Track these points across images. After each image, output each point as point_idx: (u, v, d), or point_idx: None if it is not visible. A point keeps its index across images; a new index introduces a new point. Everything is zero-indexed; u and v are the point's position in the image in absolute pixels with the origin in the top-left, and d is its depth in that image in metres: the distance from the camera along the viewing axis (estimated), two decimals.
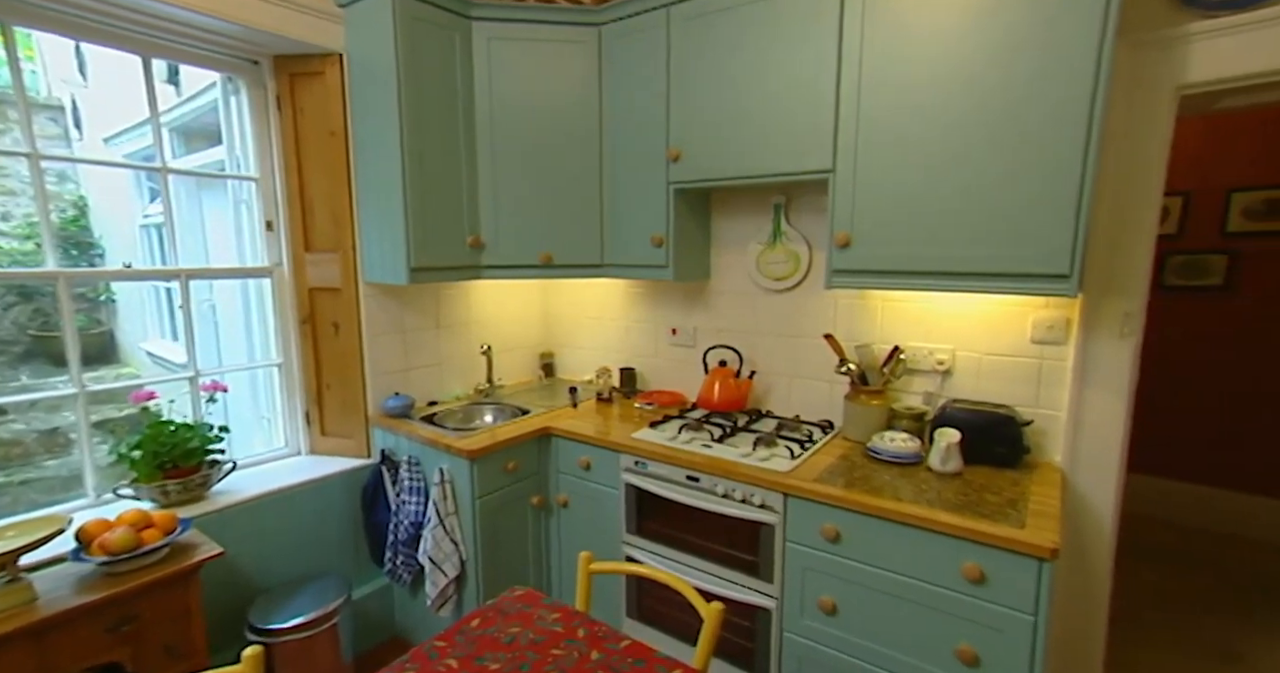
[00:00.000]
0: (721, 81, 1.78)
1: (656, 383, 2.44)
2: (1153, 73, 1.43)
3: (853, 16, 1.53)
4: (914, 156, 1.49)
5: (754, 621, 1.64)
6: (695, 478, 1.70)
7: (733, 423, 1.94)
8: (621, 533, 1.90)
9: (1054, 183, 1.33)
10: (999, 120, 1.38)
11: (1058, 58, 1.29)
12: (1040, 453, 1.66)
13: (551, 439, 2.04)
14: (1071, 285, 1.35)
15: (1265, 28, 1.31)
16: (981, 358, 1.73)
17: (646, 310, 2.44)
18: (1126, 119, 1.48)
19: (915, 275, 1.54)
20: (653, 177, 1.98)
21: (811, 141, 1.64)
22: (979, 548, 1.28)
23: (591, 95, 2.05)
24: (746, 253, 2.13)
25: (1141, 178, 1.49)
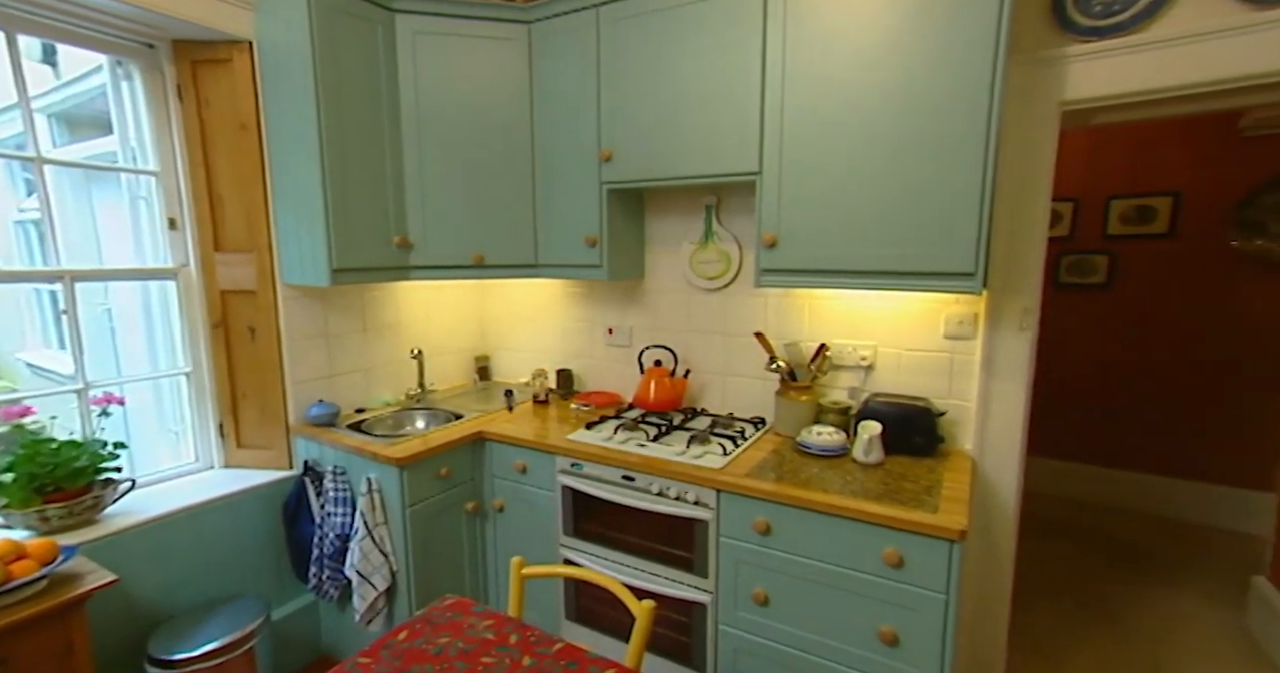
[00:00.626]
0: (652, 83, 1.80)
1: (594, 383, 2.44)
2: (1039, 89, 1.56)
3: (775, 26, 1.58)
4: (835, 162, 1.56)
5: (690, 615, 1.67)
6: (631, 477, 1.71)
7: (668, 421, 1.96)
8: (559, 535, 1.88)
9: (959, 188, 1.42)
10: (910, 130, 1.46)
11: (960, 74, 1.38)
12: (953, 441, 1.77)
13: (486, 443, 2.00)
14: (976, 283, 1.45)
15: (1125, 54, 1.45)
16: (901, 353, 1.83)
17: (583, 311, 2.44)
18: (1020, 131, 1.60)
19: (837, 275, 1.61)
20: (585, 177, 1.97)
21: (739, 145, 1.69)
22: (897, 534, 1.35)
23: (522, 94, 2.02)
24: (680, 253, 2.16)
25: (1033, 185, 1.61)
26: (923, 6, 1.41)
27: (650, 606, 1.10)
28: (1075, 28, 1.51)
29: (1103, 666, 2.06)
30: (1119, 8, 1.45)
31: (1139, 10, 1.42)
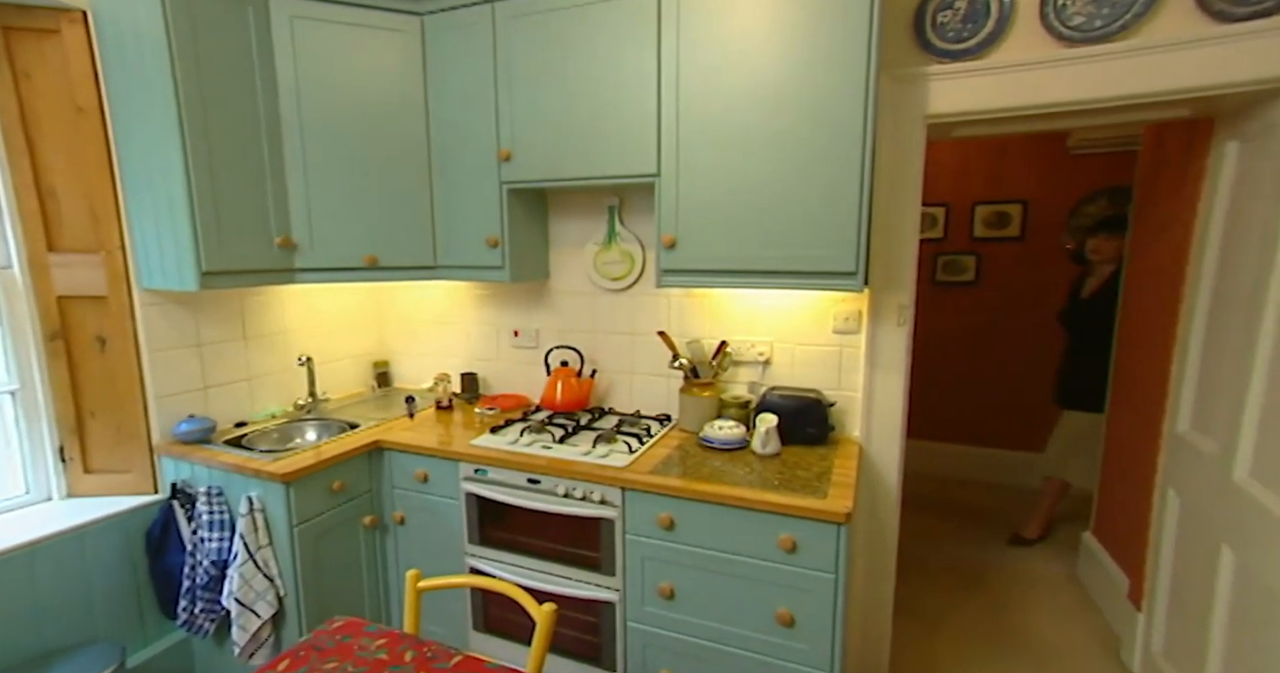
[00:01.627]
0: (551, 83, 1.78)
1: (500, 387, 2.39)
2: (908, 103, 1.70)
3: (669, 33, 1.62)
4: (728, 166, 1.61)
5: (599, 615, 1.67)
6: (536, 480, 1.69)
7: (575, 422, 1.96)
8: (464, 545, 1.82)
9: (841, 192, 1.52)
10: (796, 137, 1.54)
11: (839, 86, 1.47)
12: (843, 429, 1.89)
13: (384, 453, 1.90)
14: (858, 281, 1.56)
15: (972, 77, 1.61)
16: (795, 348, 1.93)
17: (488, 313, 2.37)
18: (893, 141, 1.73)
19: (733, 274, 1.68)
20: (485, 176, 1.92)
21: (638, 147, 1.71)
22: (791, 520, 1.43)
23: (416, 88, 1.94)
24: (584, 253, 2.16)
25: (905, 190, 1.76)
26: (803, 22, 1.49)
27: (550, 609, 1.09)
28: (934, 49, 1.65)
29: (971, 624, 2.29)
30: (967, 35, 1.61)
31: (981, 39, 1.59)
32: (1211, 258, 1.71)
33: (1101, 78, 1.50)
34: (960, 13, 1.62)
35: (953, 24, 1.63)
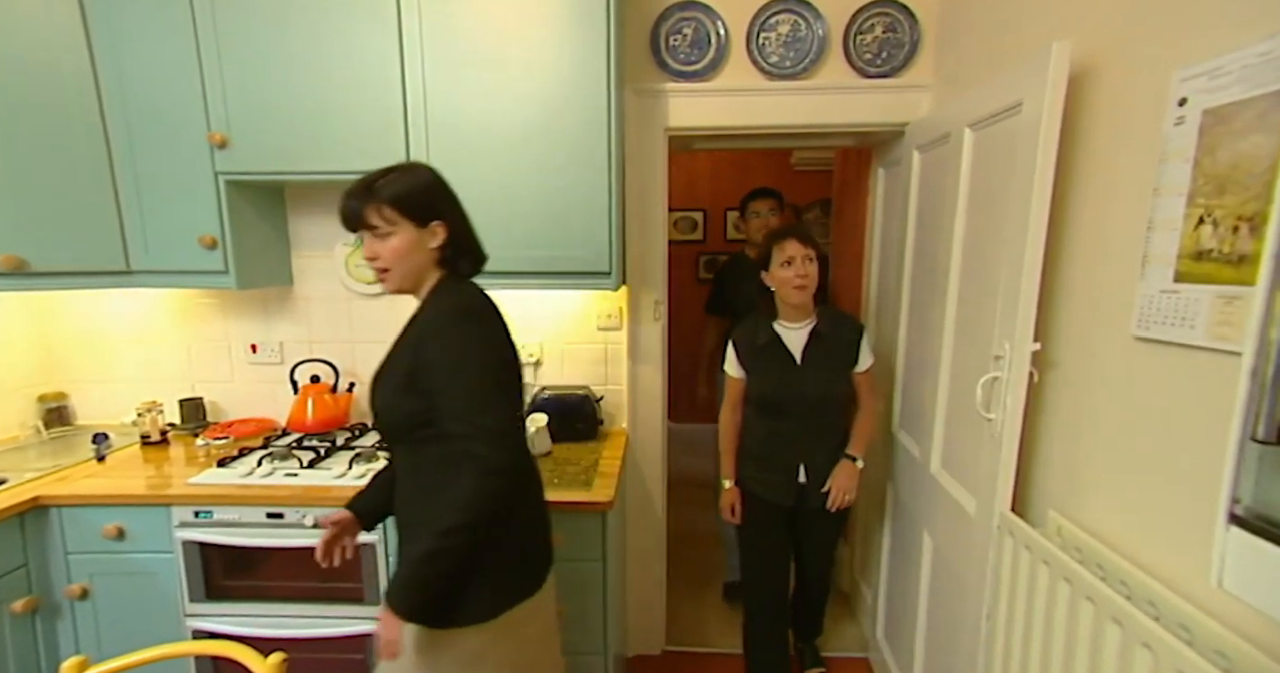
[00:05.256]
0: (270, 63, 1.56)
1: (237, 411, 2.04)
2: (651, 117, 1.85)
3: (410, 19, 1.53)
4: (484, 168, 1.58)
5: (366, 650, 1.53)
6: (279, 514, 1.48)
7: (330, 443, 1.76)
8: (183, 605, 1.52)
9: (592, 196, 1.59)
10: (550, 143, 1.57)
11: (584, 96, 1.54)
12: (612, 422, 2.00)
13: (49, 512, 1.49)
14: (613, 281, 1.65)
15: (701, 96, 1.83)
16: (564, 347, 1.99)
17: (216, 326, 2.01)
18: (640, 151, 1.88)
19: (495, 276, 1.63)
20: (192, 164, 1.62)
21: (385, 141, 1.59)
22: (559, 515, 1.42)
23: (77, 55, 1.55)
24: (334, 256, 1.95)
25: (653, 196, 1.92)
26: (548, 30, 1.52)
27: (277, 660, 0.96)
28: (669, 69, 1.83)
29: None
30: (695, 59, 1.81)
31: (705, 64, 1.80)
32: (874, 267, 2.18)
33: (793, 108, 1.81)
34: (688, 38, 1.81)
35: (683, 47, 1.82)
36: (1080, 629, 0.91)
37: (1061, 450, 1.14)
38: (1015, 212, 1.13)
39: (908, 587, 1.70)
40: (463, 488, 0.95)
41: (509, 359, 1.07)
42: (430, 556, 0.94)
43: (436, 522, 0.94)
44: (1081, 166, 1.08)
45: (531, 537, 1.13)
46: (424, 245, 1.05)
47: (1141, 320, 0.90)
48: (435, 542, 0.94)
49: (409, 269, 1.06)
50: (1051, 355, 1.16)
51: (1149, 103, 0.91)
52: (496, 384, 1.01)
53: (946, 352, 1.48)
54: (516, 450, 1.02)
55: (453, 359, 0.98)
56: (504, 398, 1.03)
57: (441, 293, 1.07)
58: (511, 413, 1.05)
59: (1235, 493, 0.60)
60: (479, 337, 1.02)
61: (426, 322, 1.05)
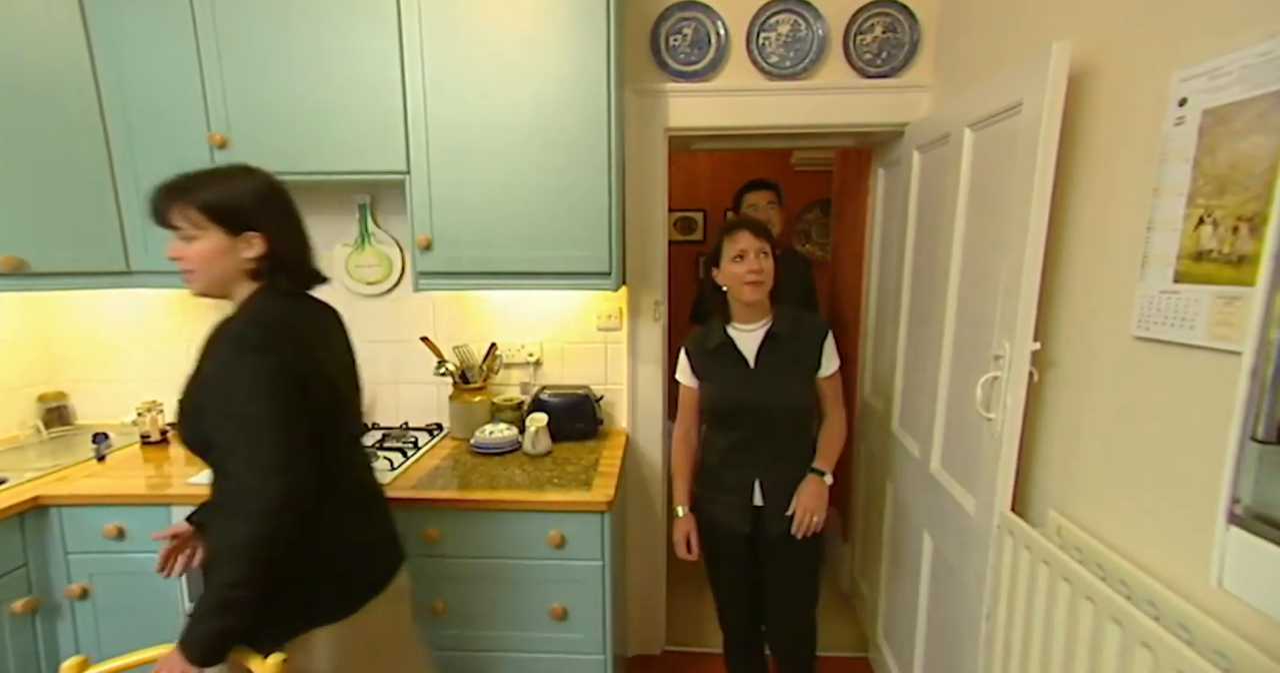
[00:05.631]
0: (270, 63, 1.56)
1: None
2: (650, 117, 1.85)
3: (410, 19, 1.53)
4: (483, 168, 1.58)
5: None
6: None
7: None
8: (183, 606, 1.52)
9: (592, 196, 1.59)
10: (549, 143, 1.56)
11: (584, 96, 1.54)
12: (612, 422, 2.00)
13: (49, 512, 1.49)
14: (613, 281, 1.65)
15: (702, 97, 1.82)
16: (564, 347, 1.99)
17: None
18: (640, 151, 1.88)
19: (494, 276, 1.66)
20: (193, 165, 1.51)
21: (384, 141, 1.59)
22: (558, 516, 1.46)
23: (77, 55, 1.55)
24: (334, 256, 1.95)
25: (652, 196, 1.92)
26: (549, 30, 1.52)
27: (276, 661, 0.96)
28: (669, 69, 1.83)
29: None
30: (695, 59, 1.81)
31: (705, 64, 1.80)
32: (874, 268, 2.18)
33: (793, 108, 1.80)
34: (688, 38, 1.81)
35: (683, 48, 1.82)
36: (1080, 629, 0.91)
37: (1061, 451, 1.14)
38: (1015, 212, 1.13)
39: (907, 587, 1.70)
40: (237, 536, 0.90)
41: (307, 381, 0.97)
42: (221, 606, 0.90)
43: (219, 572, 0.91)
44: (1081, 167, 1.08)
45: (347, 559, 1.06)
46: (235, 254, 1.00)
47: (1141, 320, 0.90)
48: (222, 593, 0.89)
49: (216, 275, 1.02)
50: (1051, 355, 1.15)
51: (1149, 103, 0.91)
52: (274, 417, 0.92)
53: (946, 352, 1.48)
54: (297, 487, 0.92)
55: (224, 389, 0.93)
56: (281, 431, 0.92)
57: (246, 307, 1.02)
58: (290, 447, 0.93)
59: (1235, 493, 0.60)
60: (260, 366, 0.93)
61: (216, 339, 1.00)
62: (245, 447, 0.91)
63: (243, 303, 1.04)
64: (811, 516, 1.41)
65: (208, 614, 0.90)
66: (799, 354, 1.47)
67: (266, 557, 0.91)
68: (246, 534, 0.90)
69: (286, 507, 0.91)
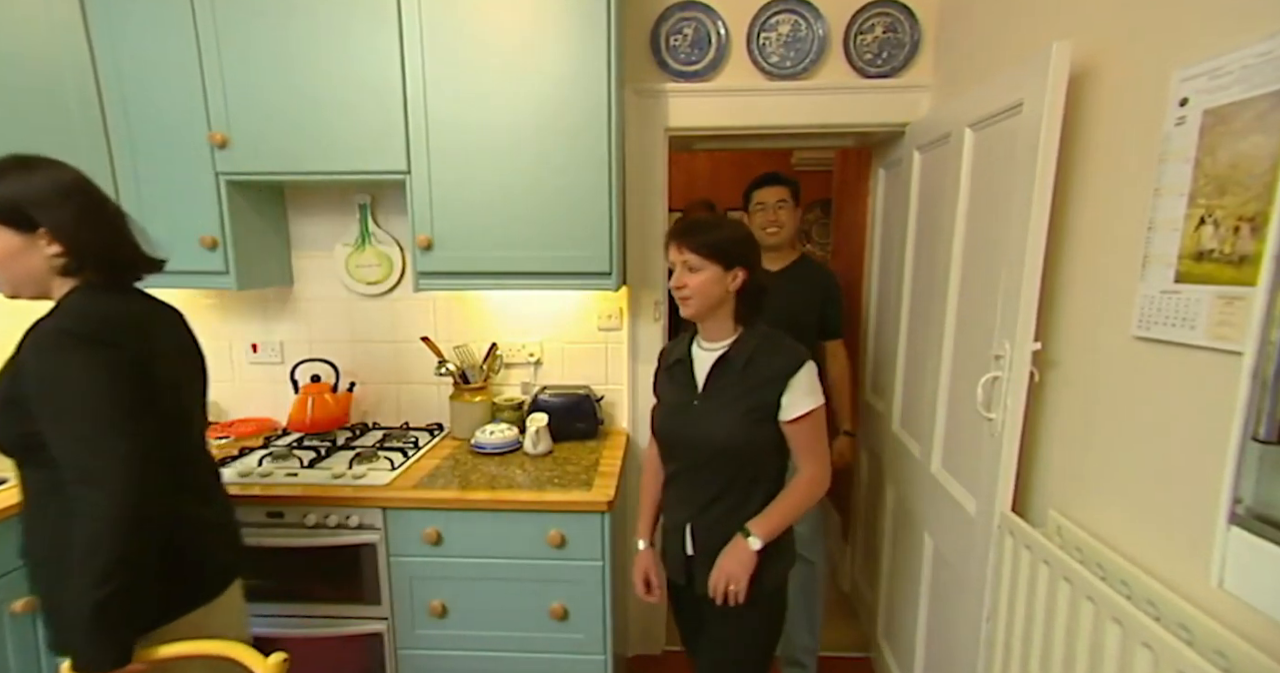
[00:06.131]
0: (270, 62, 1.56)
1: (238, 411, 2.04)
2: (651, 116, 1.85)
3: (410, 17, 1.53)
4: (483, 167, 1.58)
5: (366, 650, 1.53)
6: (279, 514, 1.49)
7: (331, 443, 1.76)
8: None
9: (592, 196, 1.59)
10: (549, 143, 1.56)
11: (584, 96, 1.53)
12: (612, 422, 2.00)
13: None
14: (613, 281, 1.65)
15: (702, 96, 1.82)
16: (564, 347, 1.99)
17: (216, 326, 2.01)
18: (641, 150, 1.88)
19: (495, 276, 1.66)
20: (194, 164, 1.62)
21: (385, 141, 1.59)
22: (559, 516, 1.46)
23: (78, 54, 1.55)
24: (334, 256, 1.95)
25: (653, 195, 1.92)
26: (549, 30, 1.52)
27: (278, 660, 0.96)
28: (670, 69, 1.83)
29: None
30: (695, 59, 1.81)
31: (705, 64, 1.80)
32: (874, 268, 2.18)
33: (793, 108, 1.80)
34: (688, 38, 1.81)
35: (683, 48, 1.82)
36: (1081, 629, 0.91)
37: (1062, 451, 1.14)
38: (1016, 211, 1.13)
39: (908, 587, 1.70)
40: (90, 532, 0.88)
41: (145, 372, 0.97)
42: (97, 612, 0.87)
43: (81, 577, 0.87)
44: (1082, 166, 1.08)
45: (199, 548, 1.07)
46: (35, 253, 0.97)
47: (1142, 320, 0.90)
48: (92, 597, 0.87)
49: (20, 276, 0.99)
50: (1052, 355, 1.16)
51: (1150, 103, 0.91)
52: (115, 406, 0.91)
53: (947, 351, 1.48)
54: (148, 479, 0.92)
55: (54, 387, 0.91)
56: (123, 419, 0.92)
57: (62, 304, 0.99)
58: (136, 434, 0.92)
59: (1236, 493, 0.60)
60: (91, 357, 0.91)
61: (32, 339, 0.95)
62: (87, 439, 0.89)
63: (62, 299, 1.00)
64: (727, 583, 1.15)
65: (90, 621, 0.88)
66: (753, 386, 1.18)
67: (125, 549, 0.89)
68: (99, 530, 0.88)
69: (138, 497, 0.90)
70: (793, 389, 1.16)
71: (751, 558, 1.15)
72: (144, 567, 0.92)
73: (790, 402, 1.17)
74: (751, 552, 1.15)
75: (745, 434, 1.18)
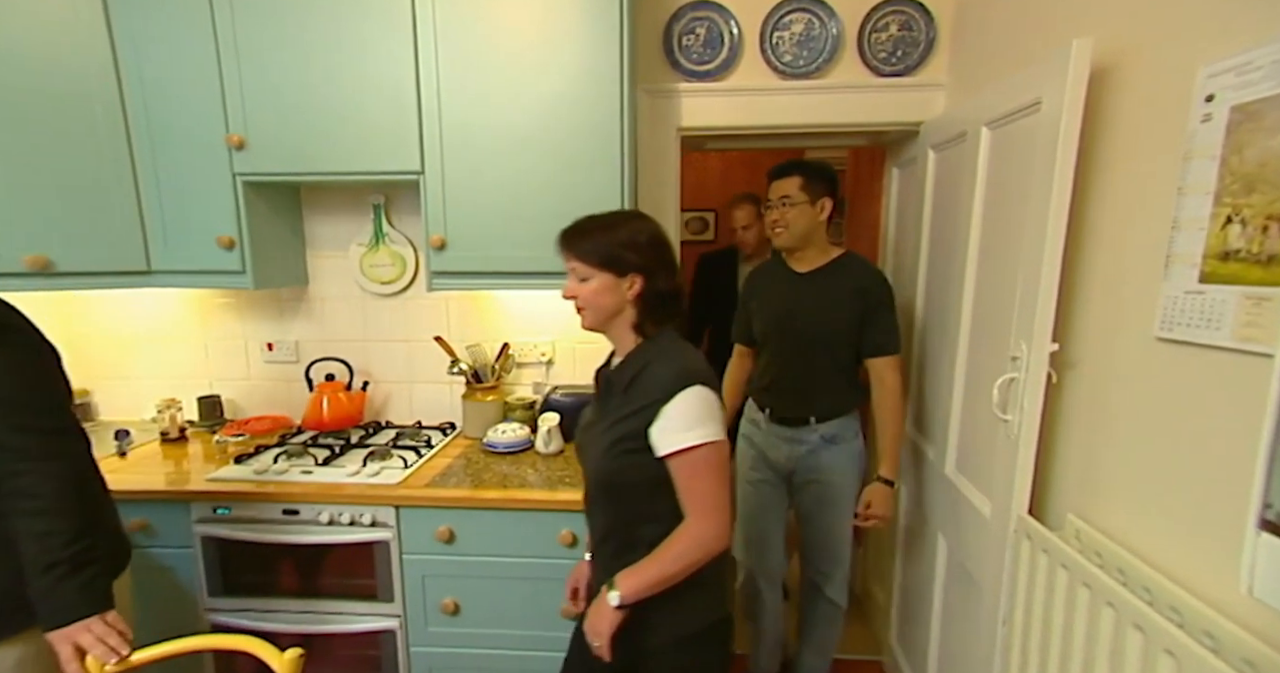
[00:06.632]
0: (287, 64, 1.58)
1: (254, 409, 2.07)
2: (663, 116, 1.85)
3: (424, 18, 1.54)
4: (497, 166, 1.59)
5: (379, 647, 1.54)
6: (294, 511, 1.50)
7: (345, 441, 1.78)
8: (203, 599, 1.55)
9: (604, 196, 1.58)
10: (561, 143, 1.56)
11: (597, 96, 1.54)
12: None
13: None
14: None
15: (714, 96, 1.82)
16: (576, 346, 1.99)
17: (233, 325, 2.04)
18: (653, 150, 1.87)
19: (508, 276, 1.66)
20: (212, 165, 1.64)
21: (398, 141, 1.60)
22: (570, 515, 1.46)
23: (99, 48, 1.57)
24: (349, 256, 1.96)
25: (665, 195, 1.91)
26: (561, 31, 1.52)
27: (293, 656, 0.97)
28: (682, 69, 1.83)
29: None
30: (707, 58, 1.81)
31: (718, 63, 1.80)
32: (888, 268, 2.16)
33: (806, 107, 1.79)
34: (701, 38, 1.81)
35: (695, 47, 1.81)
36: (1100, 635, 0.89)
37: (1080, 453, 1.12)
38: (1034, 211, 1.12)
39: (922, 590, 1.68)
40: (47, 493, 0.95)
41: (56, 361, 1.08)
42: (78, 562, 0.96)
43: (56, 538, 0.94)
44: (1101, 165, 1.07)
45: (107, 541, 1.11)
46: None
47: (1165, 321, 0.88)
48: (73, 548, 0.95)
49: None
50: (1070, 357, 1.14)
51: (1174, 99, 0.89)
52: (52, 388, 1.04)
53: (962, 353, 1.47)
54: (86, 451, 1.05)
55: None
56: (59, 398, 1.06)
57: None
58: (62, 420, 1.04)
59: (1267, 498, 0.59)
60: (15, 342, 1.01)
61: None
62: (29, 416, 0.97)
63: None
64: (594, 638, 1.00)
65: (72, 579, 0.95)
66: (630, 413, 0.99)
67: (83, 511, 0.98)
68: (57, 487, 0.96)
69: (86, 464, 1.01)
70: (663, 418, 0.96)
71: (612, 614, 0.98)
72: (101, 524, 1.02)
73: (659, 434, 0.96)
74: (610, 608, 0.98)
75: (613, 468, 1.02)
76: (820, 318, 1.62)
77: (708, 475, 0.97)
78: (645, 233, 1.04)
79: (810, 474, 1.69)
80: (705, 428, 0.96)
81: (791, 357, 1.68)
